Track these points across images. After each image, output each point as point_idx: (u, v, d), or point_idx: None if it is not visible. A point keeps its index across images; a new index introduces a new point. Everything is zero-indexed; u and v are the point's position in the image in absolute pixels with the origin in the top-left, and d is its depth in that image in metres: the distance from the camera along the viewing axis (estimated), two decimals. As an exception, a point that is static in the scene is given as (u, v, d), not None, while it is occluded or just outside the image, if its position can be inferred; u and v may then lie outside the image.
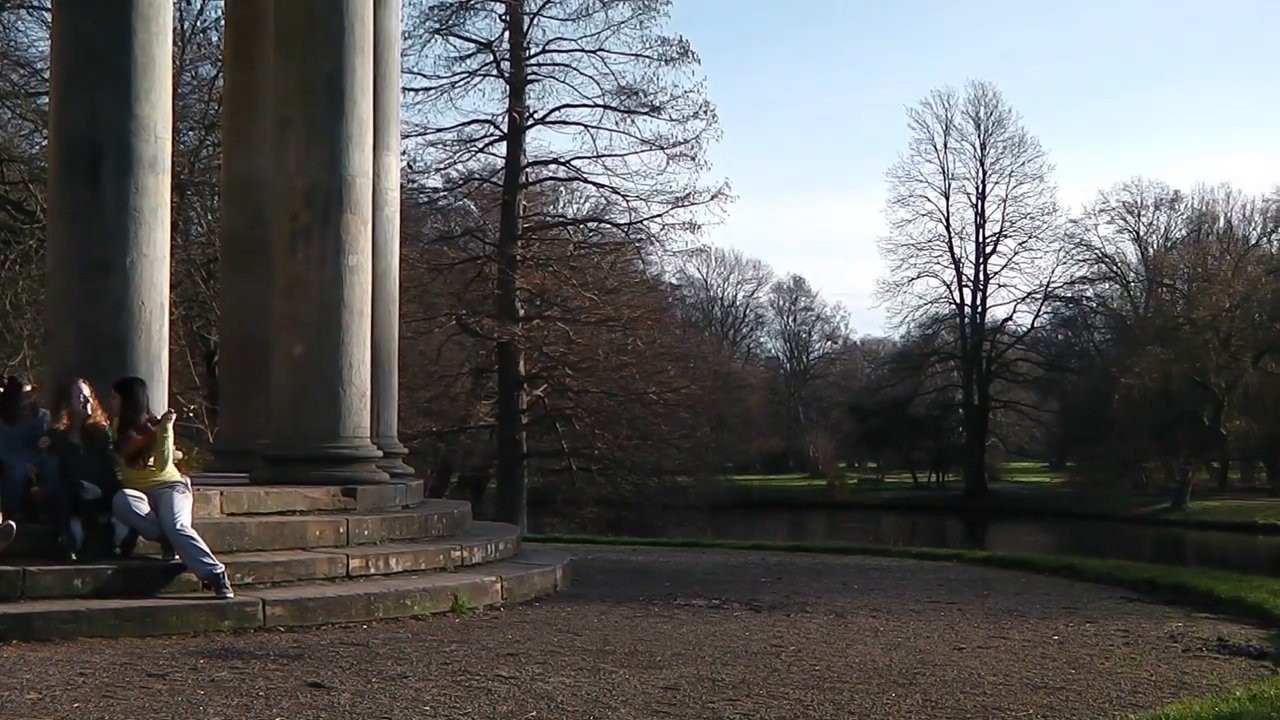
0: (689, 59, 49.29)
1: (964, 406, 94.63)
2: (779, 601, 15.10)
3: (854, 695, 9.41)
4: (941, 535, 63.21)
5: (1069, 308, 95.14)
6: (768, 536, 40.39)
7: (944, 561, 21.95)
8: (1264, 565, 41.49)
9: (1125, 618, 14.27)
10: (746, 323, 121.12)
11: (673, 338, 57.55)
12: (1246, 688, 9.60)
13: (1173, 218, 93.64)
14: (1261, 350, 72.43)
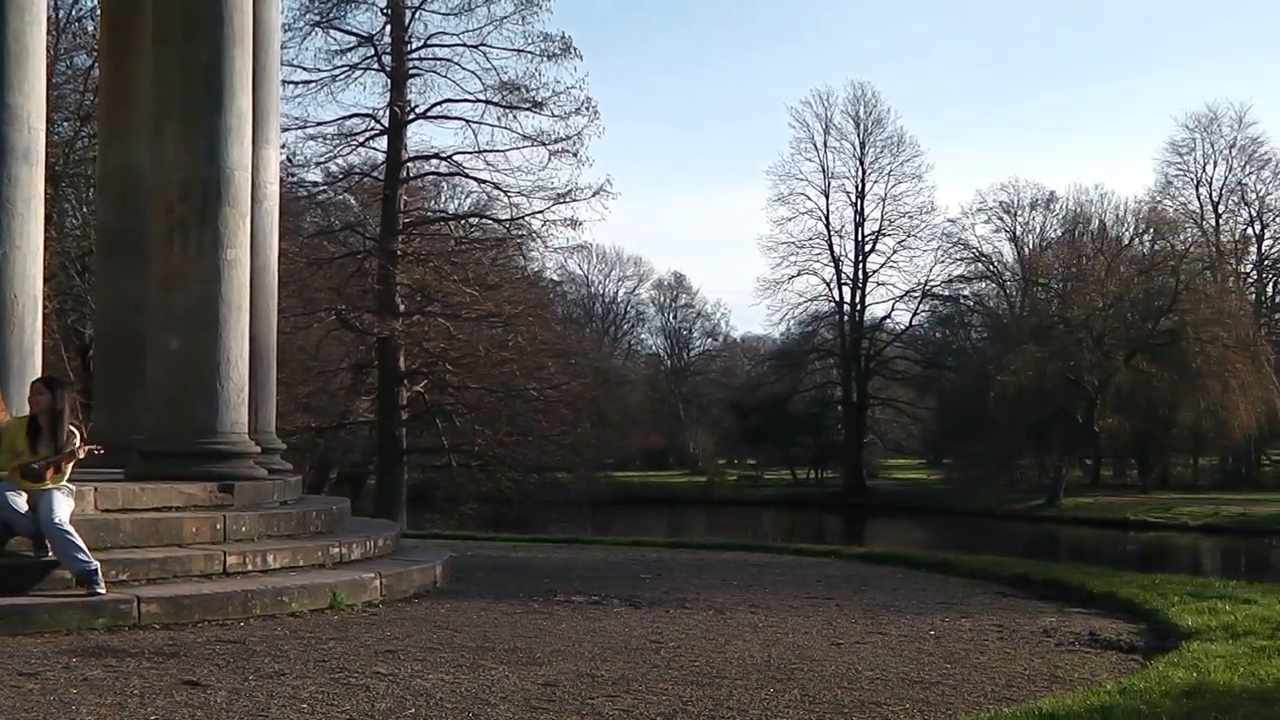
0: (571, 55, 49.28)
1: (843, 404, 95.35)
2: (659, 598, 15.12)
3: (733, 691, 9.45)
4: (820, 531, 63.65)
5: (946, 306, 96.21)
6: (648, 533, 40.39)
7: (822, 558, 22.08)
8: (1135, 561, 42.24)
9: (1000, 613, 14.43)
10: (627, 319, 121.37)
11: (554, 334, 57.49)
12: (1117, 681, 9.75)
13: (1048, 218, 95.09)
14: (1133, 349, 73.53)
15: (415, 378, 49.81)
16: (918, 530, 63.31)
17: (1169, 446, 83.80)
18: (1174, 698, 8.89)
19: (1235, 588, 16.68)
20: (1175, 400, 72.67)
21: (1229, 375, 70.66)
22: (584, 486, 54.19)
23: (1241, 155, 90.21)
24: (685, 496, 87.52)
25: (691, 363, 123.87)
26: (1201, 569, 43.96)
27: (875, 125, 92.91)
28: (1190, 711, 8.38)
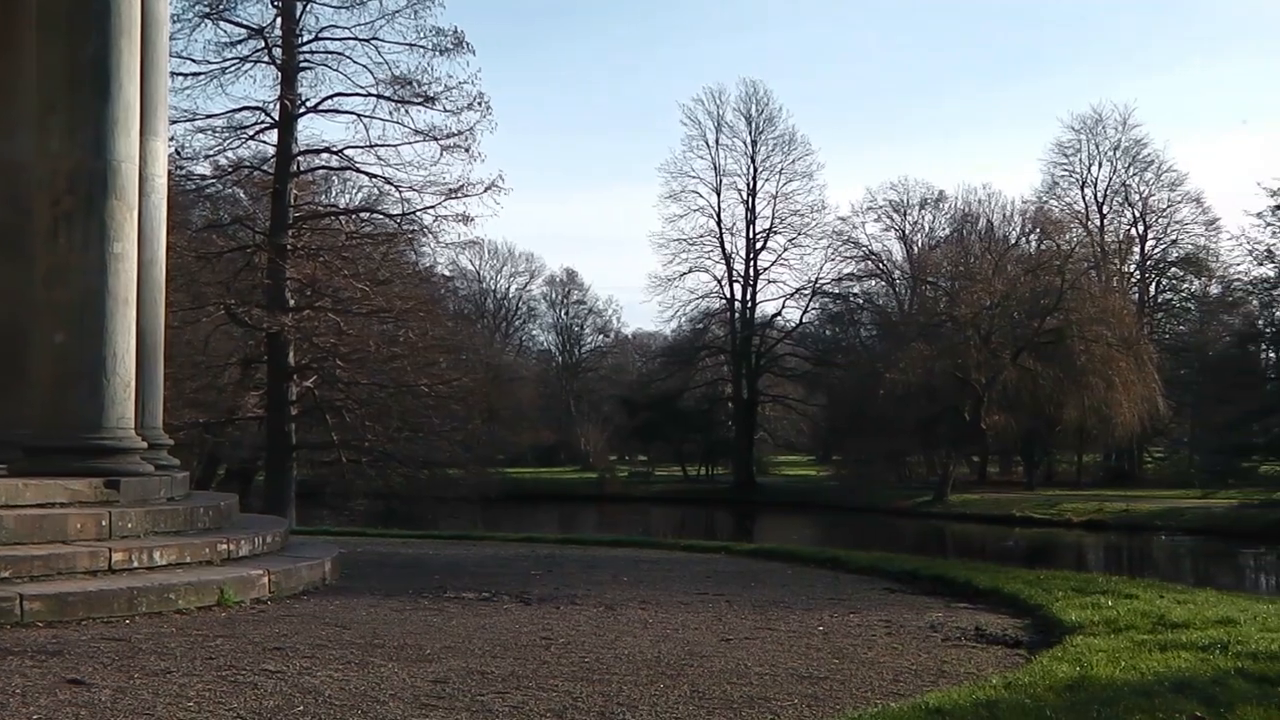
0: (463, 50, 49.00)
1: (733, 400, 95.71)
2: (549, 594, 15.13)
3: (623, 686, 9.47)
4: (711, 527, 63.84)
5: (836, 304, 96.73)
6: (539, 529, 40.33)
7: (712, 554, 22.17)
8: (1020, 557, 42.69)
9: (888, 608, 14.56)
10: (519, 315, 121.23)
11: (445, 330, 57.23)
12: (1002, 675, 9.86)
13: (937, 217, 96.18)
14: (1020, 348, 74.30)
15: (305, 373, 49.42)
16: (807, 526, 63.63)
17: (1054, 444, 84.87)
18: (1058, 691, 9.00)
19: (1118, 583, 16.93)
20: (1060, 398, 73.46)
21: (1113, 374, 71.56)
22: (475, 482, 54.00)
23: (1125, 157, 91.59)
24: (576, 493, 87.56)
25: (583, 359, 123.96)
26: (1085, 565, 44.57)
27: (767, 123, 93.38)
28: (1073, 705, 8.49)
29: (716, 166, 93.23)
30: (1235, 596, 17.31)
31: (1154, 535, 55.07)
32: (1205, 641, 11.40)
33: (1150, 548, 52.24)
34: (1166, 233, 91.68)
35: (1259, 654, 10.73)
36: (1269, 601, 16.81)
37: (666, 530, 49.04)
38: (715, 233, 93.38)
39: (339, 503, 49.69)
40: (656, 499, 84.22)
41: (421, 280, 57.83)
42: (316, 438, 51.46)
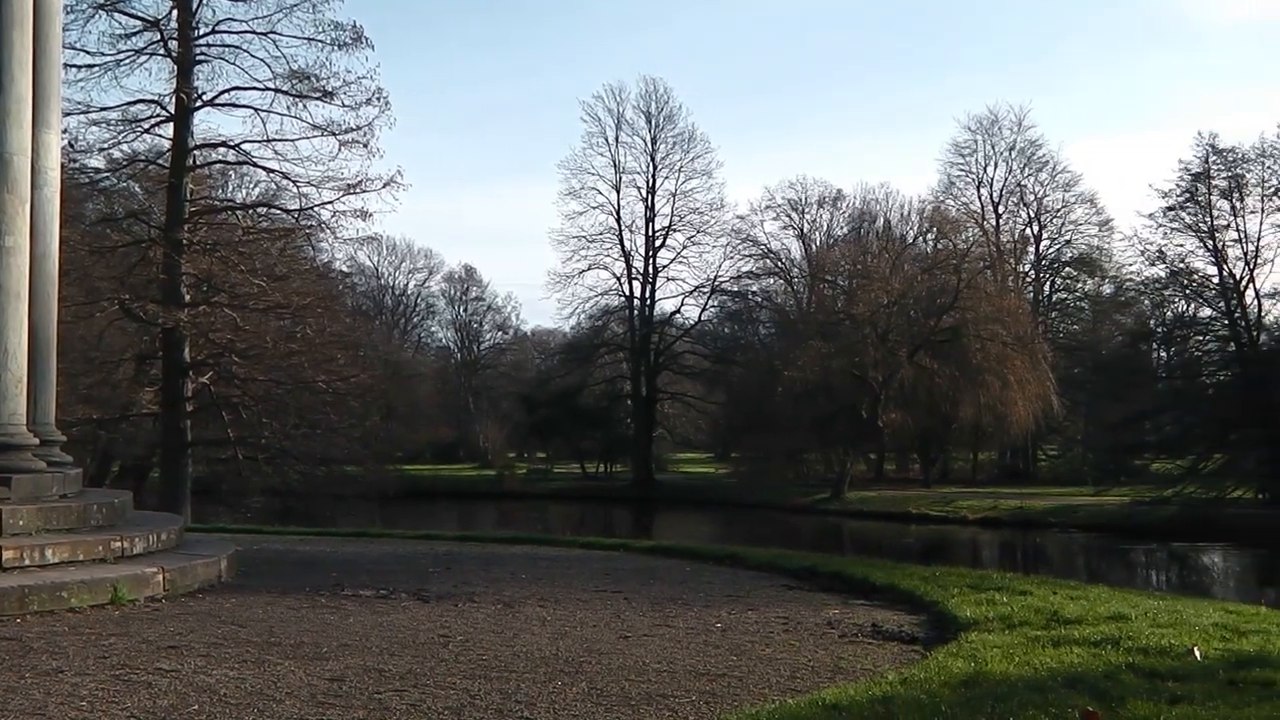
0: (362, 44, 48.63)
1: (632, 398, 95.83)
2: (447, 591, 15.08)
3: (521, 684, 9.46)
4: (609, 525, 63.85)
5: (735, 301, 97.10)
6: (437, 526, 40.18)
7: (611, 551, 22.17)
8: (917, 553, 43.03)
9: (786, 605, 14.62)
10: (418, 312, 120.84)
11: (343, 326, 56.88)
12: (898, 672, 9.93)
13: (835, 216, 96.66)
14: (916, 346, 74.88)
15: (201, 369, 48.95)
16: (706, 523, 63.86)
17: (950, 442, 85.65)
18: (953, 687, 9.08)
19: (1012, 580, 17.10)
20: (956, 396, 74.11)
21: (1008, 372, 72.30)
22: (373, 479, 53.70)
23: (1021, 157, 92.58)
24: (475, 490, 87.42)
25: (482, 356, 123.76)
26: (980, 561, 44.96)
27: (667, 121, 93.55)
28: (968, 700, 8.57)
29: (616, 164, 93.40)
30: (1127, 592, 17.52)
31: (1048, 532, 55.63)
32: (1097, 637, 11.55)
33: (1044, 544, 52.76)
34: (1061, 233, 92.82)
35: (1149, 649, 10.88)
36: (1159, 597, 17.06)
37: (565, 527, 49.09)
38: (615, 230, 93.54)
39: (235, 500, 49.22)
40: (555, 496, 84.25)
41: (319, 276, 57.41)
42: (212, 434, 50.95)
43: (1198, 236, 55.65)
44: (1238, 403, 56.11)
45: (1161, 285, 60.99)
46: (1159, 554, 49.48)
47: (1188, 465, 57.48)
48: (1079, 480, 74.30)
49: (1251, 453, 56.53)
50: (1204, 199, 55.20)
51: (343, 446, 51.80)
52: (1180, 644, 11.16)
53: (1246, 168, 54.61)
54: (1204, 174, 55.29)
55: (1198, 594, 28.11)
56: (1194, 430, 59.07)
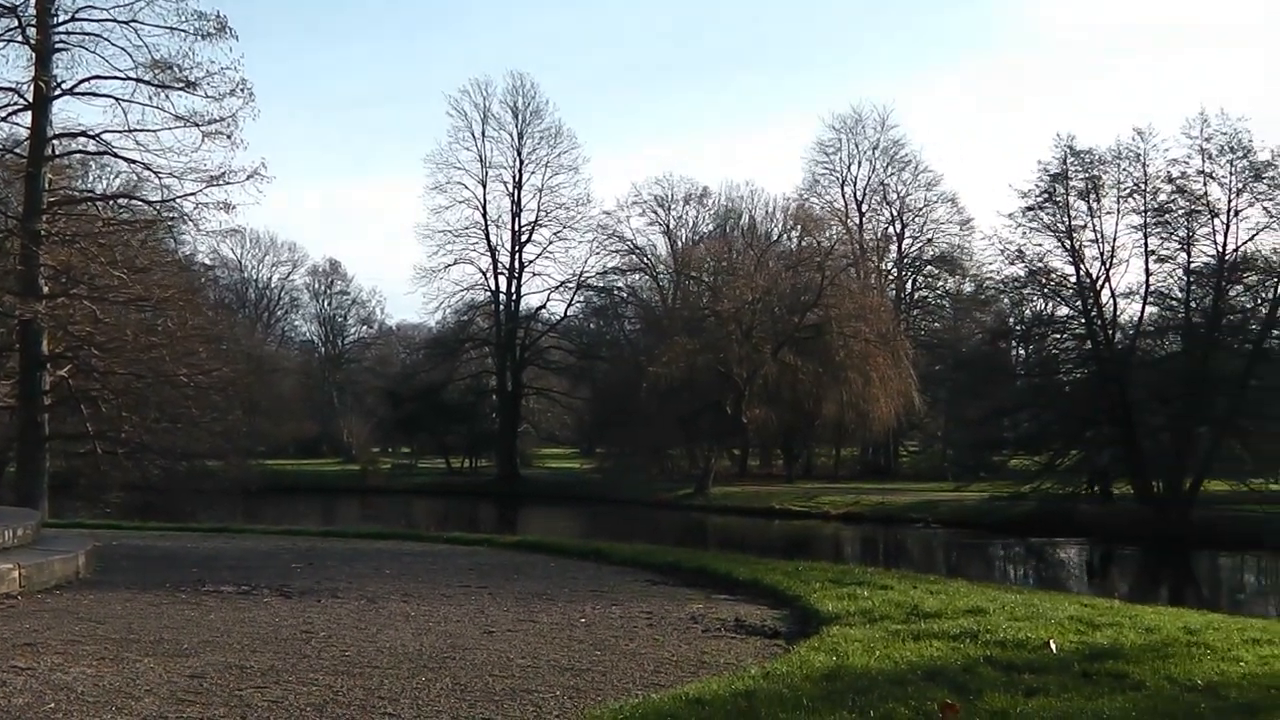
0: (226, 35, 47.95)
1: (497, 393, 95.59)
2: (310, 587, 14.99)
3: (384, 680, 9.43)
4: (474, 520, 63.62)
5: (601, 297, 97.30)
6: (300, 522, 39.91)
7: (475, 546, 22.15)
8: (780, 548, 43.34)
9: (650, 600, 14.68)
10: (281, 305, 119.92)
11: (205, 319, 56.15)
12: (761, 666, 10.01)
13: (701, 213, 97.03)
14: (780, 343, 75.30)
15: (59, 362, 48.10)
16: (571, 519, 63.90)
17: (813, 438, 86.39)
18: (814, 681, 9.17)
19: (873, 574, 17.32)
20: (820, 393, 74.68)
21: (870, 369, 73.01)
22: (235, 474, 53.20)
23: (884, 156, 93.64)
24: (339, 485, 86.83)
25: (346, 350, 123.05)
26: (843, 556, 45.36)
27: (533, 116, 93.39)
28: (829, 694, 8.66)
29: (482, 158, 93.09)
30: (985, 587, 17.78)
31: (909, 527, 56.23)
32: (956, 631, 11.73)
33: (905, 540, 53.33)
34: (923, 231, 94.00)
35: (1006, 642, 11.07)
36: (1016, 591, 17.36)
37: (429, 523, 48.94)
38: (481, 225, 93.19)
39: (94, 495, 48.45)
40: (420, 491, 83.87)
41: (181, 268, 56.73)
42: (71, 428, 50.12)
43: (1056, 236, 56.44)
44: (1093, 400, 57.02)
45: (1020, 284, 61.76)
46: (1017, 549, 50.23)
47: (1045, 461, 58.37)
48: (939, 476, 75.28)
49: (1106, 449, 57.51)
50: (1062, 199, 55.98)
51: (204, 441, 51.22)
52: (1037, 637, 11.36)
53: (1103, 169, 55.50)
54: (1062, 175, 56.08)
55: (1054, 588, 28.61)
56: (1051, 427, 59.95)
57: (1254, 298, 55.05)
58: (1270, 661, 10.66)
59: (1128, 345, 57.47)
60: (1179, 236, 54.70)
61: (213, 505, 48.77)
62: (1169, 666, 10.01)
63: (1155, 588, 37.87)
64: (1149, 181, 54.75)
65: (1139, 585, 38.35)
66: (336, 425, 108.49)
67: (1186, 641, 11.52)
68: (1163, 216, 54.62)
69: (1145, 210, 54.79)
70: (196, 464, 51.10)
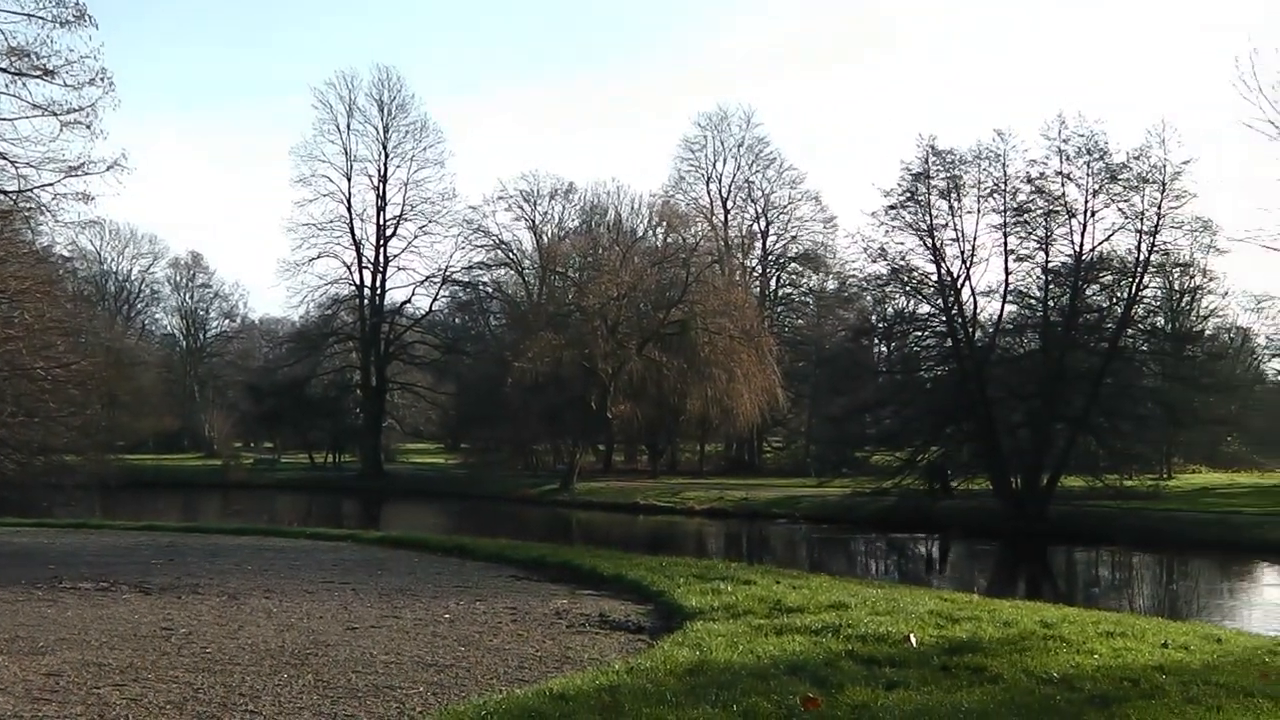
0: (86, 23, 47.20)
1: (362, 388, 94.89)
2: (170, 583, 14.85)
3: (245, 677, 9.36)
4: (338, 516, 63.20)
5: (466, 292, 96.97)
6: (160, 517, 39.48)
7: (339, 542, 22.07)
8: (644, 544, 43.44)
9: (514, 595, 14.71)
10: (141, 298, 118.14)
11: (63, 311, 55.24)
12: (625, 660, 10.07)
13: (567, 208, 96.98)
14: (645, 338, 75.43)
15: (-90, 355, 47.22)
16: (435, 514, 63.57)
17: (678, 433, 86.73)
18: (678, 676, 9.23)
19: (737, 569, 17.45)
20: (684, 389, 74.92)
21: (735, 365, 73.37)
22: (93, 469, 52.42)
23: (749, 154, 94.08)
24: (200, 480, 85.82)
25: (208, 344, 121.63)
26: (707, 552, 45.54)
27: (399, 110, 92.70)
28: (693, 688, 8.72)
29: (348, 151, 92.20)
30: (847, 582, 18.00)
31: (772, 523, 56.53)
32: (818, 625, 11.85)
33: (769, 535, 53.60)
34: (787, 229, 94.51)
35: (867, 636, 11.21)
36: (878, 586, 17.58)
37: (292, 518, 48.49)
38: (346, 218, 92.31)
39: (-53, 491, 47.62)
40: (283, 486, 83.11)
41: (38, 260, 55.69)
42: (-78, 422, 49.22)
43: (918, 235, 56.91)
44: (954, 397, 57.61)
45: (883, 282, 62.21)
46: (879, 544, 50.69)
47: (906, 457, 58.92)
48: (803, 472, 75.87)
49: (966, 446, 58.19)
50: (924, 199, 56.46)
51: (61, 435, 50.42)
52: (897, 631, 11.51)
53: (964, 169, 56.04)
54: (924, 174, 56.56)
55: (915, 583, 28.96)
56: (912, 424, 60.50)
57: (1109, 297, 55.92)
58: (1123, 654, 10.91)
59: (987, 343, 58.13)
60: (1037, 236, 55.43)
61: (70, 501, 48.08)
62: (1026, 659, 10.21)
63: (1013, 582, 38.40)
64: (1009, 182, 55.41)
65: (997, 580, 38.87)
66: (198, 420, 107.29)
67: (1043, 635, 11.74)
68: (1022, 216, 55.31)
69: (1005, 210, 55.45)
70: (53, 459, 50.26)
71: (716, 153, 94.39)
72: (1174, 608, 31.24)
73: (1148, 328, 58.98)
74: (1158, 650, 11.43)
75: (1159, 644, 11.87)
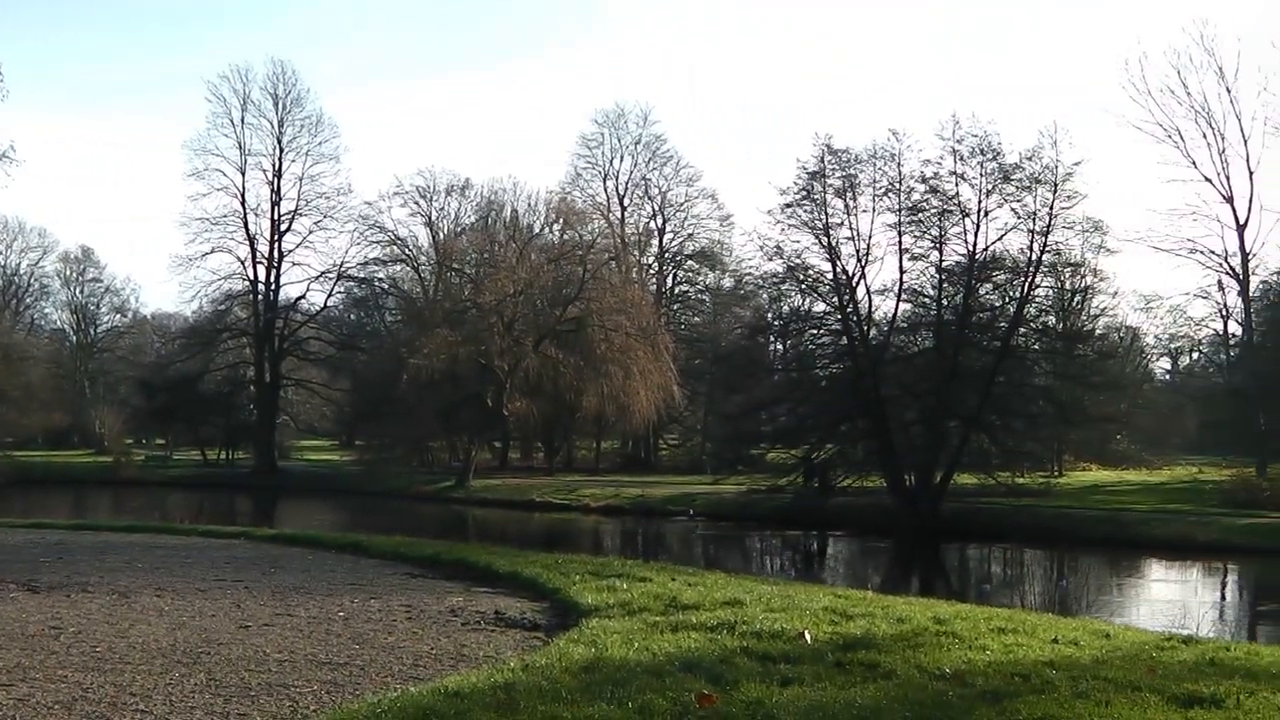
0: (-27, 15, 46.72)
1: (255, 384, 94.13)
2: (59, 582, 14.66)
3: (136, 676, 9.26)
4: (231, 513, 62.61)
5: (362, 288, 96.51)
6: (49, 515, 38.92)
7: (232, 539, 21.89)
8: (540, 541, 43.39)
9: (409, 593, 14.65)
10: (31, 292, 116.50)
11: (-51, 306, 54.58)
12: (520, 658, 10.06)
13: (463, 204, 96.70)
14: (542, 335, 75.37)
15: None
16: (330, 512, 63.17)
17: (574, 430, 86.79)
18: (574, 673, 9.23)
19: (633, 567, 17.48)
20: (581, 386, 74.94)
21: (631, 363, 73.48)
22: (-21, 467, 51.76)
23: (646, 151, 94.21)
24: (90, 477, 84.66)
25: (99, 339, 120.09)
26: (603, 549, 45.59)
27: (294, 104, 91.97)
28: (588, 685, 8.72)
29: (242, 146, 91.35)
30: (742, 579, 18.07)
31: (668, 520, 56.65)
32: (714, 622, 11.89)
33: (665, 532, 53.72)
34: (684, 226, 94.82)
35: (762, 633, 11.26)
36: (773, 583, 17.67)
37: (184, 516, 47.99)
38: (240, 213, 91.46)
39: None
40: (175, 484, 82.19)
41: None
42: None
43: (813, 233, 57.19)
44: (849, 395, 58.02)
45: (779, 280, 62.43)
46: (774, 541, 50.95)
47: (801, 455, 59.28)
48: (699, 469, 76.07)
49: (860, 443, 58.60)
50: (820, 197, 56.77)
51: (-54, 432, 49.77)
52: (792, 628, 11.58)
53: (860, 168, 56.42)
54: (820, 173, 56.88)
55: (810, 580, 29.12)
56: (807, 421, 60.85)
57: (1002, 296, 56.50)
58: (1014, 649, 11.03)
59: (882, 341, 58.56)
60: (932, 235, 55.88)
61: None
62: (919, 656, 10.29)
63: (907, 579, 38.72)
64: (904, 181, 55.83)
65: (891, 577, 39.18)
66: (88, 416, 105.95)
67: (936, 631, 11.85)
68: (916, 216, 55.74)
69: (900, 209, 55.86)
70: (-62, 456, 49.64)
71: (614, 150, 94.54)
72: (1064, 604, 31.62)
73: (1039, 327, 59.63)
74: (1048, 646, 11.57)
75: (1049, 640, 12.02)
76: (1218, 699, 9.00)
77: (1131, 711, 8.48)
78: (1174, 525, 45.45)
